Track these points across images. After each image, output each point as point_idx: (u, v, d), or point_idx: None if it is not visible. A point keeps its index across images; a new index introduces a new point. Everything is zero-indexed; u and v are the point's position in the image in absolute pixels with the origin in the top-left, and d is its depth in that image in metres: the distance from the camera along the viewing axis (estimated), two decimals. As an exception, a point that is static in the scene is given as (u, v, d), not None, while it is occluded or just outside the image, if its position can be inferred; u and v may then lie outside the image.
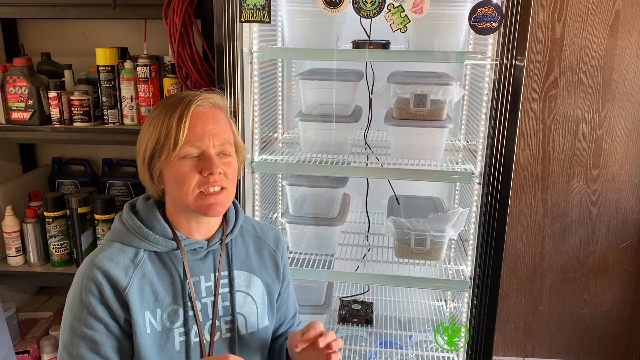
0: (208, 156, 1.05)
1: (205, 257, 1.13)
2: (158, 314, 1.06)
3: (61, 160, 2.27)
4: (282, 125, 2.11)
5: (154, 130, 1.05)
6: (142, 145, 1.07)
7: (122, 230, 1.09)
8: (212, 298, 1.12)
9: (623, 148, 2.14)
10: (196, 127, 1.04)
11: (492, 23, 1.40)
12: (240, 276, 1.17)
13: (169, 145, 1.03)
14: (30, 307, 2.30)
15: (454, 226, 1.70)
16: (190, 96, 1.06)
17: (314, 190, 1.84)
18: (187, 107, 1.04)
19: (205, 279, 1.12)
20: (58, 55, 2.08)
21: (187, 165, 1.05)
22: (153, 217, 1.10)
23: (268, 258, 1.24)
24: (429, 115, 1.69)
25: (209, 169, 1.04)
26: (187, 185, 1.05)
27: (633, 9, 2.00)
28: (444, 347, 1.69)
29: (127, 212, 1.11)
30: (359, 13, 1.44)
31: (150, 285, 1.06)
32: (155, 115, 1.06)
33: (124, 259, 1.06)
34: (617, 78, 2.08)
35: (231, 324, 1.14)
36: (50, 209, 1.94)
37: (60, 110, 1.86)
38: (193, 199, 1.06)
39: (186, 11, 1.69)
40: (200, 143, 1.04)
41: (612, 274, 2.27)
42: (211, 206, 1.06)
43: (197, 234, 1.12)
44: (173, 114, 1.03)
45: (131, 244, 1.07)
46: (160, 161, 1.05)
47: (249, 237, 1.23)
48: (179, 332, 1.07)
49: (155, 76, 1.84)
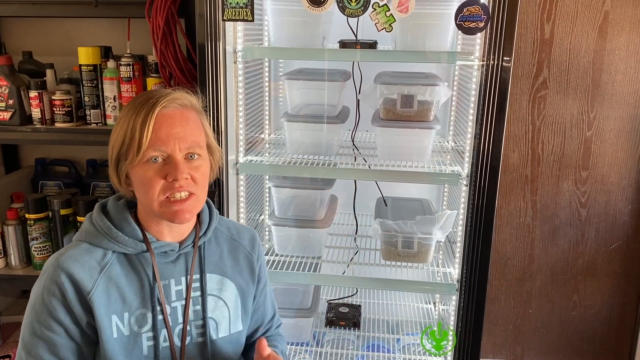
0: (174, 161, 1.01)
1: (177, 260, 1.10)
2: (126, 318, 1.03)
3: (44, 161, 2.23)
4: (268, 126, 2.08)
5: (120, 131, 1.02)
6: (110, 146, 1.05)
7: (91, 231, 1.06)
8: (182, 302, 1.09)
9: (612, 149, 2.13)
10: (161, 130, 1.00)
11: (479, 22, 1.38)
12: (212, 279, 1.14)
13: (134, 148, 1.00)
14: (12, 311, 2.25)
15: (442, 228, 1.68)
16: (157, 96, 1.02)
17: (300, 191, 1.81)
18: (152, 109, 1.00)
19: (176, 283, 1.09)
20: (42, 55, 2.04)
21: (151, 169, 1.01)
22: (123, 218, 1.07)
23: (243, 261, 1.21)
24: (416, 116, 1.67)
25: (174, 174, 1.01)
26: (152, 190, 1.01)
27: (622, 9, 1.99)
28: (430, 351, 1.67)
29: (97, 213, 1.08)
30: (344, 12, 1.42)
31: (117, 288, 1.03)
32: (122, 116, 1.04)
33: (90, 260, 1.03)
34: (606, 79, 2.06)
35: (202, 329, 1.11)
36: (31, 210, 1.90)
37: (42, 110, 1.83)
38: (158, 205, 1.02)
39: (169, 9, 1.66)
40: (165, 147, 1.01)
41: (601, 275, 2.26)
42: (176, 213, 1.03)
43: (168, 237, 1.10)
44: (138, 115, 1.00)
45: (99, 245, 1.04)
46: (125, 164, 1.02)
47: (224, 240, 1.20)
48: (147, 336, 1.05)
49: (138, 76, 1.81)
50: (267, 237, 2.06)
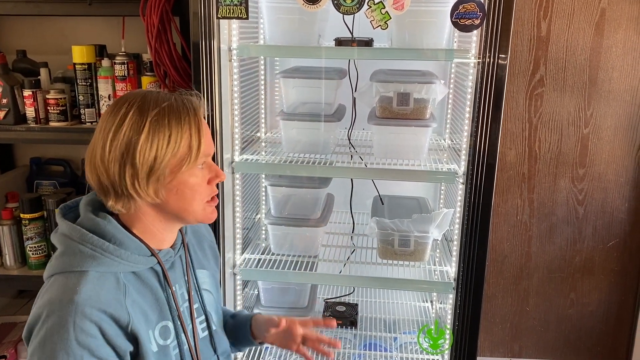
0: (213, 164, 1.05)
1: (173, 265, 1.10)
2: (151, 335, 1.00)
3: (40, 160, 2.22)
4: (265, 125, 2.07)
5: (162, 140, 0.94)
6: (148, 155, 0.94)
7: (92, 256, 0.94)
8: (186, 304, 1.10)
9: (609, 147, 2.12)
10: (207, 137, 1.01)
11: (475, 20, 1.37)
12: (200, 274, 1.17)
13: (189, 157, 0.97)
14: (7, 311, 2.24)
15: (438, 227, 1.67)
16: (187, 101, 1.00)
17: (297, 190, 1.80)
18: (196, 115, 0.99)
19: (179, 287, 1.09)
20: (36, 53, 2.03)
21: (199, 175, 1.01)
22: (123, 235, 0.98)
23: (208, 249, 1.25)
24: (412, 114, 1.66)
25: (221, 176, 1.04)
26: (200, 195, 1.02)
27: (618, 6, 1.99)
28: (427, 349, 1.67)
29: (86, 235, 0.95)
30: (339, 9, 1.41)
31: (139, 308, 0.98)
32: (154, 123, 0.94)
33: (110, 290, 0.94)
34: (603, 76, 2.06)
35: (205, 323, 1.15)
36: (26, 210, 1.89)
37: (36, 110, 1.82)
38: (202, 209, 1.03)
39: (164, 7, 1.65)
40: (209, 152, 1.03)
41: (598, 273, 2.26)
42: (214, 212, 1.07)
43: (165, 244, 1.07)
44: (185, 124, 0.96)
45: (108, 270, 0.95)
46: (166, 175, 0.96)
47: (191, 234, 1.21)
48: (173, 346, 1.04)
49: (133, 74, 1.80)
50: (263, 236, 2.05)
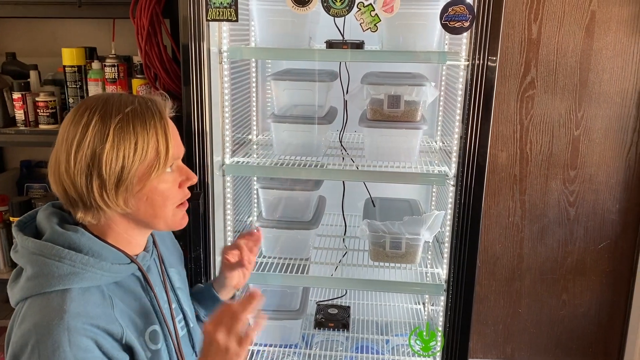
0: (183, 166, 1.01)
1: (149, 268, 1.09)
2: (143, 342, 0.98)
3: (30, 163, 2.21)
4: (256, 127, 2.07)
5: (128, 147, 0.90)
6: (110, 170, 0.90)
7: (72, 272, 0.89)
8: (166, 305, 1.09)
9: (600, 149, 2.13)
10: (175, 139, 0.97)
11: (464, 22, 1.37)
12: (171, 272, 1.16)
13: (157, 163, 0.92)
14: (-3, 315, 2.23)
15: (429, 229, 1.67)
16: (151, 103, 0.96)
17: (288, 193, 1.80)
18: (162, 117, 0.95)
19: (159, 289, 1.08)
20: (26, 56, 2.02)
21: (169, 179, 0.97)
22: (99, 246, 0.95)
23: (172, 246, 1.24)
24: (403, 116, 1.66)
25: (192, 178, 1.00)
26: (171, 200, 0.98)
27: (608, 9, 2.00)
28: (418, 352, 1.66)
29: (62, 251, 0.90)
30: (329, 12, 1.41)
31: (129, 317, 0.97)
32: (119, 130, 0.90)
33: (98, 305, 0.91)
34: (594, 79, 2.07)
35: (183, 322, 1.14)
36: (16, 213, 1.88)
37: (25, 112, 1.81)
38: (172, 214, 1.00)
39: (154, 10, 1.64)
40: (179, 154, 1.00)
41: (590, 274, 2.26)
42: (184, 218, 1.03)
43: (139, 248, 1.05)
44: (150, 128, 0.92)
45: (91, 284, 0.92)
46: (135, 183, 0.92)
47: (155, 232, 1.17)
48: (163, 349, 1.03)
49: (123, 77, 1.79)
50: (255, 239, 2.04)
